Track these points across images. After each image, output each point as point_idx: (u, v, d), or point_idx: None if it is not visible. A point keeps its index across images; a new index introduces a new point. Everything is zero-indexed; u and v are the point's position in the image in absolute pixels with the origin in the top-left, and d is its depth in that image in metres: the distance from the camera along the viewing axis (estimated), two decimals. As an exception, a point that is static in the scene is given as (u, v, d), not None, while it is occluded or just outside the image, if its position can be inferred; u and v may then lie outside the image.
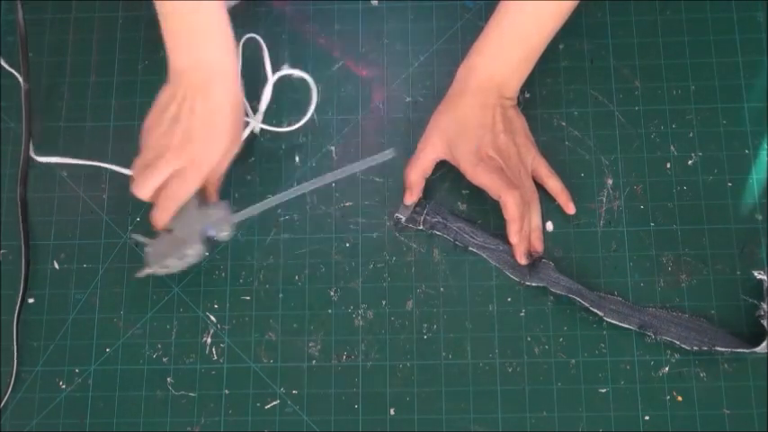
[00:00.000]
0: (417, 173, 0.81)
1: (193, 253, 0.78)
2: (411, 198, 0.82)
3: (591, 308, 0.78)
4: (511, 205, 0.77)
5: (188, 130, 0.75)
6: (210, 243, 0.80)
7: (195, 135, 0.75)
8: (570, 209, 0.81)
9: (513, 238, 0.78)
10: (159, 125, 0.76)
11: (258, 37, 0.86)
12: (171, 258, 0.78)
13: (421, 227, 0.82)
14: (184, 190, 0.76)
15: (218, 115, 0.76)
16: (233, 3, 0.89)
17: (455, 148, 0.79)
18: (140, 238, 0.81)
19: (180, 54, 0.77)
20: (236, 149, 0.80)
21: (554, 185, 0.81)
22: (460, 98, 0.80)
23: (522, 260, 0.79)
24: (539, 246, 0.80)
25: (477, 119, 0.79)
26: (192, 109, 0.75)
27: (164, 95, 0.78)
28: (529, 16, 0.79)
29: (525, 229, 0.79)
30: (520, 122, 0.82)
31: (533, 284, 0.80)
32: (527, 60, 0.81)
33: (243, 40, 0.86)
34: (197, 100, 0.76)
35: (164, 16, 0.77)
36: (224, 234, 0.79)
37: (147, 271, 0.79)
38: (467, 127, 0.79)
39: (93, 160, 0.86)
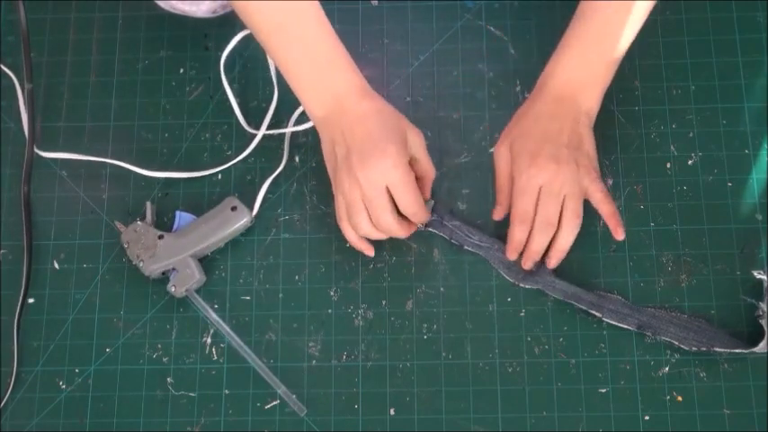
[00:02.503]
0: (499, 179, 0.79)
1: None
2: (500, 213, 0.79)
3: (589, 310, 0.78)
4: (514, 233, 0.77)
5: (361, 152, 0.74)
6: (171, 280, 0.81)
7: (370, 153, 0.73)
8: (619, 234, 0.77)
9: (510, 255, 0.79)
10: (339, 172, 0.76)
11: None
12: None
13: (419, 224, 0.82)
14: (409, 195, 0.75)
15: (375, 121, 0.74)
16: (233, 3, 0.89)
17: (513, 151, 0.77)
18: (121, 228, 0.82)
19: (319, 102, 0.76)
20: (416, 135, 0.77)
21: (606, 210, 0.76)
22: (533, 103, 0.78)
23: (527, 265, 0.79)
24: (552, 264, 0.78)
25: (542, 127, 0.76)
26: (354, 138, 0.74)
27: (326, 146, 0.77)
28: (605, 21, 0.75)
29: (539, 249, 0.77)
30: (589, 144, 0.77)
31: (528, 287, 0.80)
32: (605, 67, 0.77)
33: (242, 35, 0.86)
34: (353, 128, 0.74)
35: (289, 77, 0.77)
36: (178, 290, 0.80)
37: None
38: (529, 133, 0.76)
39: (94, 157, 0.86)
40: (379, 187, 0.73)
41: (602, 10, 0.75)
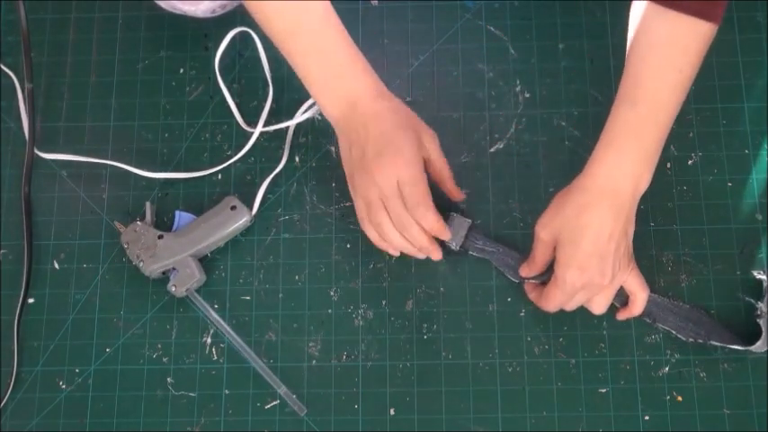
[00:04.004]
0: (537, 256, 0.76)
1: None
2: (526, 272, 0.78)
3: None
4: (539, 300, 0.77)
5: (376, 152, 0.74)
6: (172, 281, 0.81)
7: (385, 150, 0.73)
8: (619, 317, 0.77)
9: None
10: (356, 173, 0.75)
11: (250, 30, 0.86)
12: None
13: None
14: (418, 194, 0.74)
15: (389, 120, 0.75)
16: (233, 3, 0.89)
17: (559, 249, 0.73)
18: (121, 228, 0.82)
19: (334, 105, 0.76)
20: (430, 136, 0.77)
21: (639, 298, 0.75)
22: (585, 195, 0.72)
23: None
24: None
25: (592, 232, 0.71)
26: (368, 137, 0.74)
27: (343, 148, 0.77)
28: (653, 101, 0.71)
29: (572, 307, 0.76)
30: (631, 231, 0.74)
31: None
32: (657, 146, 0.72)
33: (233, 33, 0.86)
34: (368, 127, 0.74)
35: (305, 79, 0.76)
36: (179, 290, 0.80)
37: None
38: (578, 236, 0.71)
39: (94, 158, 0.86)
40: (393, 186, 0.73)
41: (648, 85, 0.71)
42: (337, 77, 0.75)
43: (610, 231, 0.71)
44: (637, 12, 0.72)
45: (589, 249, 0.71)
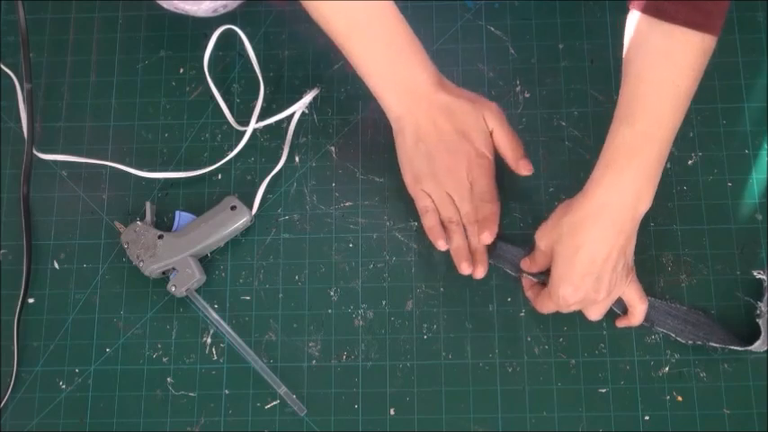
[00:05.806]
0: (537, 259, 0.76)
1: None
2: (527, 264, 0.78)
3: None
4: (534, 299, 0.79)
5: (447, 146, 0.76)
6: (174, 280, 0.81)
7: (456, 148, 0.77)
8: (618, 323, 0.78)
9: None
10: (420, 170, 0.77)
11: (235, 27, 0.86)
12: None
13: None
14: (487, 177, 0.78)
15: (458, 112, 0.77)
16: (235, 3, 0.89)
17: (555, 262, 0.73)
18: (121, 228, 0.82)
19: (396, 100, 0.77)
20: (492, 109, 0.78)
21: (639, 310, 0.76)
22: (586, 212, 0.70)
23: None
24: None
25: (589, 252, 0.70)
26: (440, 133, 0.76)
27: (407, 144, 0.78)
28: (654, 117, 0.68)
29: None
30: (631, 248, 0.73)
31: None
32: (660, 163, 0.69)
33: (219, 31, 0.86)
34: (437, 122, 0.76)
35: (369, 76, 0.77)
36: (178, 290, 0.80)
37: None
38: (576, 253, 0.70)
39: (93, 159, 0.86)
40: (464, 184, 0.77)
41: (645, 101, 0.68)
42: (402, 69, 0.76)
43: (607, 252, 0.70)
44: (632, 25, 0.70)
45: (583, 270, 0.71)
